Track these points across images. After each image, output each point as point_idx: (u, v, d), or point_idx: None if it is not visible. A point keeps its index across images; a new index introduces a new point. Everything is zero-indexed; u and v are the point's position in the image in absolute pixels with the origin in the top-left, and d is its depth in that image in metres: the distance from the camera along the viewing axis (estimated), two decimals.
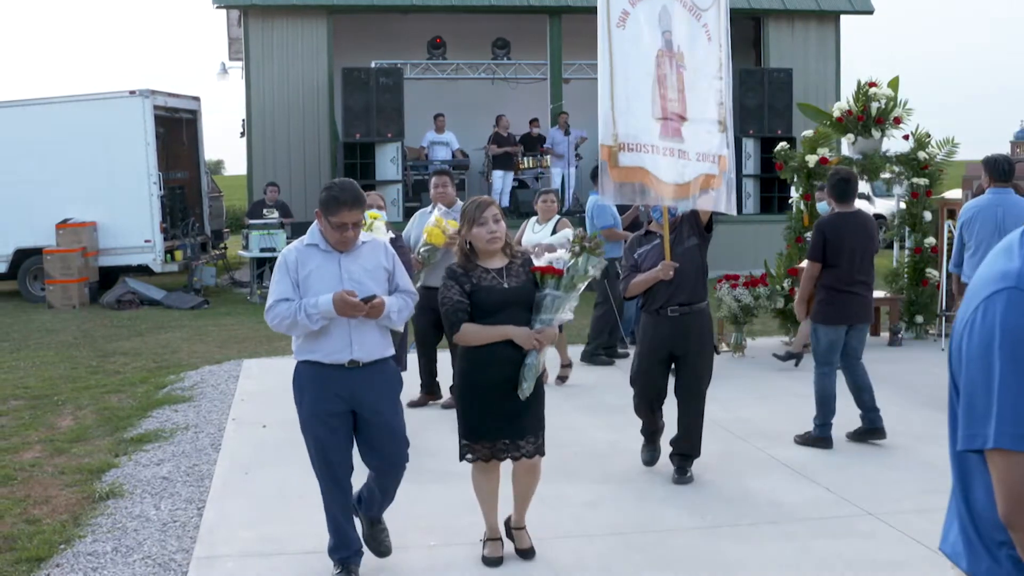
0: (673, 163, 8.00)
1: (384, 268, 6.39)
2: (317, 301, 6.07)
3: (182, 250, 21.80)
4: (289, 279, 6.20)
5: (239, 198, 30.60)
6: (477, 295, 6.42)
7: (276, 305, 6.17)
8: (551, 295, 6.47)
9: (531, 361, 6.41)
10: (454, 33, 25.46)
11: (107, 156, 20.43)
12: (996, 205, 10.51)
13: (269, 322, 6.22)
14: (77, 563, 6.79)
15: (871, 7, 25.98)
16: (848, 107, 14.41)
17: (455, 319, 6.43)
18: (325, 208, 6.14)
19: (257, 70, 23.93)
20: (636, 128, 7.90)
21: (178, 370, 13.19)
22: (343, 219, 6.10)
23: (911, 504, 7.63)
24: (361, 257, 6.32)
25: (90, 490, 8.29)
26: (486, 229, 6.47)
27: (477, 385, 6.49)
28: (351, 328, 6.19)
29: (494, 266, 6.53)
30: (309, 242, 6.32)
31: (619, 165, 7.86)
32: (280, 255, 6.35)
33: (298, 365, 6.35)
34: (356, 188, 6.27)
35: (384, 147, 21.77)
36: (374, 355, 6.29)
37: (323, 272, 6.20)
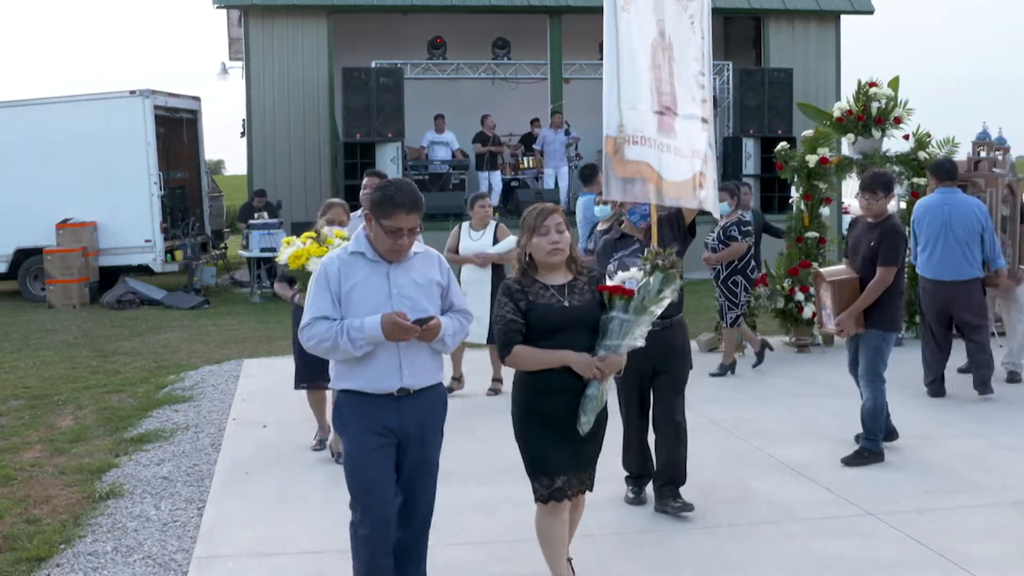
0: (670, 160, 7.51)
1: (438, 283, 5.66)
2: (363, 324, 5.34)
3: (182, 250, 21.83)
4: (329, 293, 5.46)
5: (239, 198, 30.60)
6: (533, 314, 5.76)
7: (314, 324, 5.43)
8: (619, 318, 5.78)
9: (592, 392, 5.74)
10: (454, 33, 25.46)
11: (107, 156, 20.47)
12: (943, 204, 11.04)
13: (305, 343, 5.48)
14: (77, 563, 6.79)
15: (871, 7, 25.99)
16: (848, 107, 14.43)
17: (506, 340, 5.77)
18: (378, 210, 5.42)
19: (257, 70, 23.94)
20: (640, 121, 7.38)
21: (178, 370, 13.19)
22: (399, 223, 5.38)
23: (911, 504, 7.63)
24: (413, 269, 5.58)
25: (90, 490, 8.29)
26: (548, 239, 5.81)
27: (533, 415, 5.84)
28: (400, 350, 5.46)
29: (555, 282, 5.86)
30: (354, 250, 5.55)
31: (625, 159, 7.27)
32: (320, 264, 5.62)
33: (339, 396, 5.63)
34: (415, 189, 5.53)
35: (384, 147, 21.78)
36: (425, 381, 5.60)
37: (369, 285, 5.47)
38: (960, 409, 10.42)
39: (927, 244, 11.06)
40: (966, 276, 10.87)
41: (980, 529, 7.16)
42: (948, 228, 10.88)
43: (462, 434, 9.49)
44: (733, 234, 12.32)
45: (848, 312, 8.65)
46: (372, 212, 5.47)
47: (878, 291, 8.57)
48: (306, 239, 8.39)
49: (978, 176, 12.43)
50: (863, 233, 8.87)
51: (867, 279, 8.65)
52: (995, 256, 11.08)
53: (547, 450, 5.86)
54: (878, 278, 8.57)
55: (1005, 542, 6.91)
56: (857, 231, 9.00)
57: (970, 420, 10.00)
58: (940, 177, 11.23)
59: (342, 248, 5.67)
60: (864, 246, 8.75)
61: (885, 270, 8.58)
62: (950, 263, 10.89)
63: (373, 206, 5.46)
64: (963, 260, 10.86)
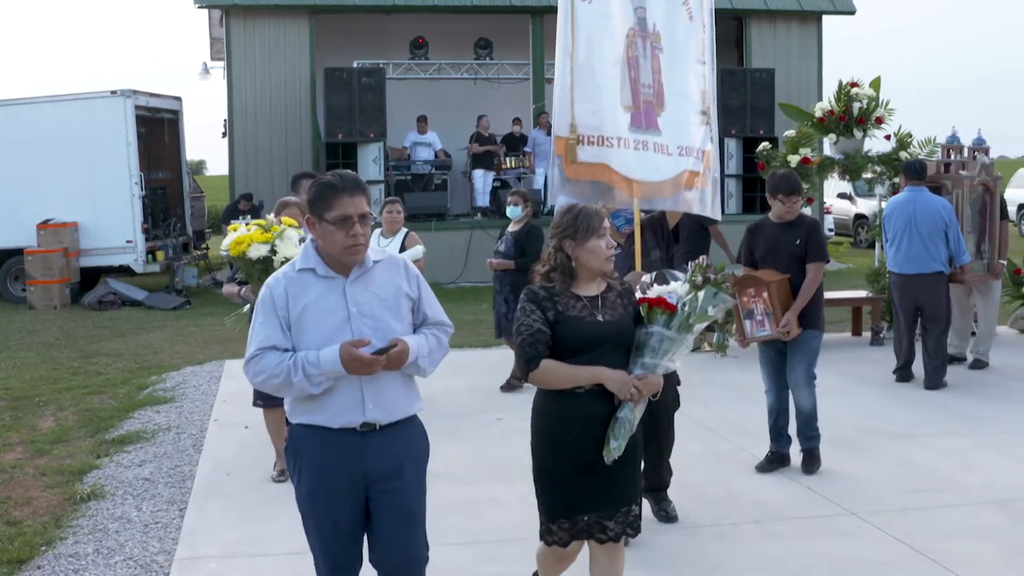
0: (646, 157, 7.03)
1: (406, 295, 4.83)
2: (319, 357, 4.54)
3: (164, 250, 21.74)
4: (277, 318, 4.65)
5: (221, 198, 30.54)
6: (562, 327, 5.06)
7: (261, 356, 4.61)
8: (659, 334, 5.17)
9: (624, 415, 5.08)
10: (436, 33, 25.44)
11: (88, 156, 20.40)
12: (909, 201, 11.67)
13: (251, 379, 4.69)
14: (58, 565, 6.76)
15: (853, 7, 26.05)
16: (830, 107, 14.48)
17: (532, 352, 5.04)
18: (318, 205, 4.65)
19: (239, 70, 23.88)
20: (600, 118, 6.90)
21: (160, 371, 13.15)
22: (345, 209, 4.59)
23: (894, 503, 7.64)
24: (374, 282, 4.75)
25: (71, 491, 8.26)
26: (605, 242, 5.17)
27: (556, 444, 5.14)
28: (362, 380, 4.65)
29: (588, 293, 5.19)
30: (303, 266, 4.73)
31: (577, 160, 6.85)
32: (264, 286, 4.76)
33: (293, 428, 4.82)
34: (353, 174, 4.84)
35: (366, 147, 21.72)
36: (395, 414, 4.76)
37: (323, 306, 4.65)
38: (943, 409, 10.44)
39: (894, 239, 11.73)
40: (928, 270, 11.49)
41: (963, 528, 7.18)
42: (913, 224, 11.52)
43: (444, 435, 9.48)
44: None
45: (793, 312, 8.24)
46: (312, 212, 4.69)
47: (814, 288, 8.34)
48: (252, 226, 7.85)
49: (946, 178, 12.80)
50: (778, 234, 8.46)
51: (796, 279, 8.34)
52: (959, 253, 11.66)
53: (571, 487, 5.14)
54: (814, 275, 8.32)
55: (988, 541, 6.92)
56: (767, 234, 8.56)
57: (953, 420, 10.03)
58: (908, 176, 11.88)
59: (289, 265, 4.83)
60: (786, 246, 8.38)
61: (818, 266, 8.35)
62: (914, 257, 11.52)
63: (312, 205, 4.69)
64: (926, 255, 11.46)
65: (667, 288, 5.35)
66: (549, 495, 5.20)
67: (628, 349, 5.20)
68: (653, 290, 5.33)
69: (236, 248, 7.72)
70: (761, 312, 8.38)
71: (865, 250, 26.26)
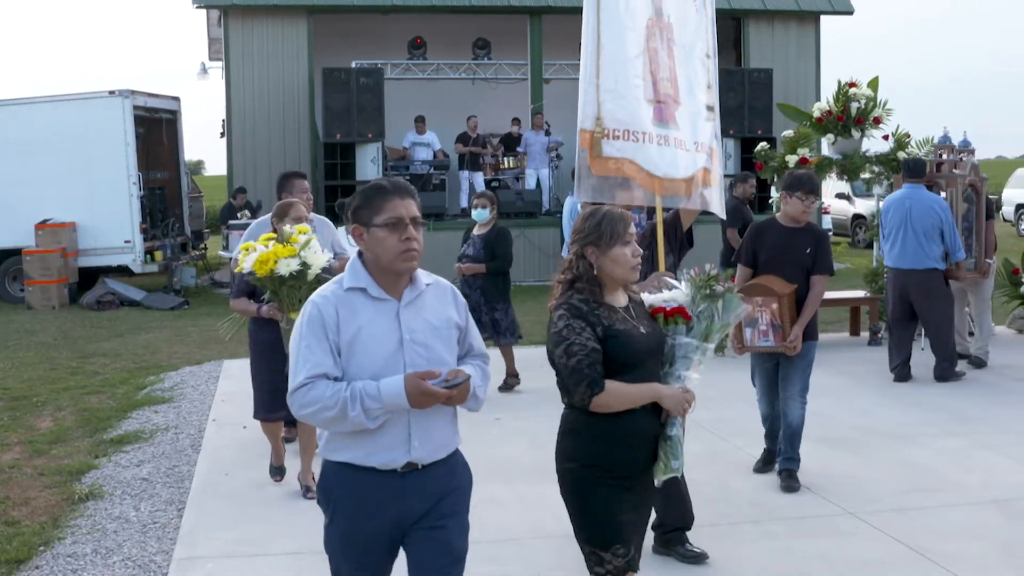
0: (667, 153, 6.72)
1: (456, 324, 4.44)
2: (380, 390, 4.11)
3: (162, 251, 21.73)
4: (327, 343, 4.18)
5: (219, 198, 30.54)
6: (614, 343, 4.68)
7: (313, 386, 4.13)
8: (687, 344, 4.95)
9: (676, 433, 4.83)
10: (434, 33, 25.46)
11: (87, 156, 20.39)
12: (906, 198, 11.95)
13: (298, 411, 4.19)
14: (57, 565, 6.76)
15: (851, 8, 26.06)
16: (828, 107, 14.48)
17: (593, 374, 4.61)
18: (365, 210, 4.25)
19: (237, 70, 23.88)
20: (626, 112, 6.59)
21: (158, 371, 13.15)
22: (397, 211, 4.21)
23: (892, 503, 7.65)
24: (426, 307, 4.35)
25: (70, 491, 8.26)
26: (631, 250, 4.81)
27: (604, 466, 4.74)
28: (411, 415, 4.24)
29: (620, 304, 4.85)
30: (352, 285, 4.27)
31: (601, 155, 6.55)
32: (309, 304, 4.28)
33: (327, 466, 4.40)
34: (400, 179, 4.51)
35: (364, 147, 21.73)
36: (439, 452, 4.39)
37: (376, 331, 4.22)
38: (940, 409, 10.45)
39: (890, 235, 12.02)
40: (923, 265, 11.67)
41: (961, 528, 7.18)
42: (909, 221, 11.76)
43: None
44: None
45: (799, 326, 7.93)
46: (358, 219, 4.25)
47: (819, 302, 8.10)
48: (266, 241, 7.37)
49: (940, 177, 12.92)
50: (786, 239, 8.14)
51: (800, 289, 8.04)
52: (955, 249, 11.86)
53: (622, 513, 4.78)
54: (821, 288, 8.09)
55: (985, 541, 6.93)
56: (774, 236, 8.23)
57: (950, 420, 10.03)
58: (907, 174, 12.17)
59: (335, 283, 4.33)
60: (794, 253, 8.05)
61: (823, 279, 8.06)
62: (909, 253, 11.74)
63: (357, 212, 4.27)
64: (920, 251, 11.66)
65: (664, 296, 5.12)
66: (599, 521, 4.77)
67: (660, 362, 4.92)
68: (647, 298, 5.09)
69: (263, 268, 7.23)
70: (767, 323, 8.09)
71: (863, 250, 26.27)
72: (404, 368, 4.20)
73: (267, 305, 7.75)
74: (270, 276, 7.24)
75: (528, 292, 20.40)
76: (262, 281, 7.38)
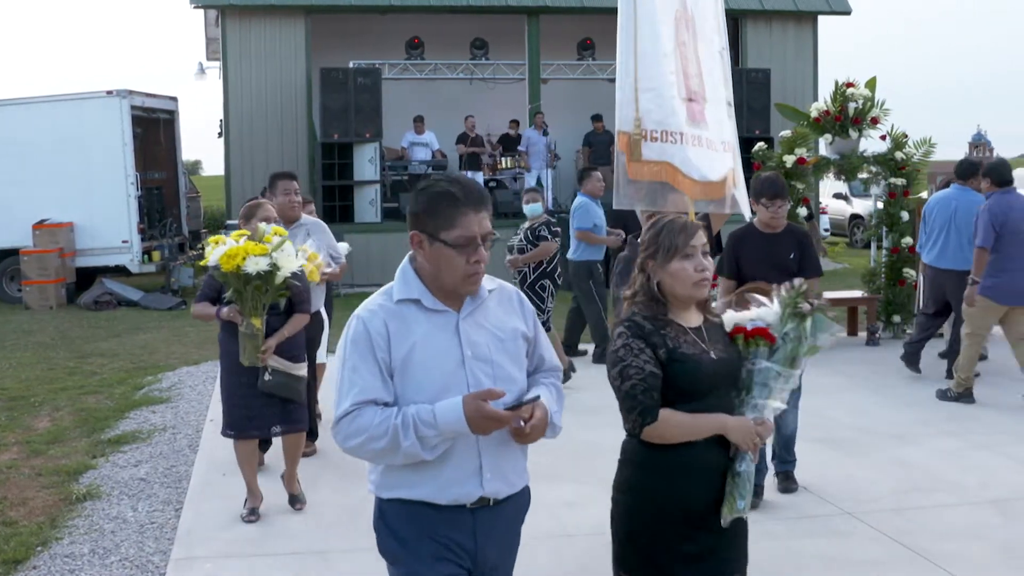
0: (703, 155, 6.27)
1: (523, 336, 3.94)
2: (435, 415, 3.59)
3: (160, 251, 21.72)
4: (376, 364, 3.67)
5: (217, 199, 30.53)
6: (677, 368, 4.16)
7: (358, 414, 3.63)
8: (767, 369, 4.37)
9: (745, 468, 4.29)
10: (432, 33, 25.44)
11: (84, 156, 20.38)
12: (951, 199, 11.95)
13: (343, 444, 3.68)
14: (54, 565, 6.76)
15: (848, 8, 26.04)
16: (826, 107, 14.49)
17: (648, 402, 4.13)
18: (432, 219, 3.70)
19: (235, 70, 23.85)
20: (664, 111, 6.11)
21: (156, 371, 13.14)
22: (470, 228, 3.67)
23: (889, 503, 7.65)
24: (489, 318, 3.85)
25: (67, 492, 8.26)
26: (694, 264, 4.26)
27: (666, 502, 4.22)
28: (480, 444, 3.75)
29: (691, 324, 4.32)
30: (403, 296, 3.76)
31: (640, 159, 6.02)
32: (353, 319, 3.76)
33: (385, 507, 3.84)
34: (475, 183, 3.90)
35: (362, 147, 21.71)
36: (515, 484, 3.90)
37: (433, 349, 3.71)
38: (938, 408, 10.45)
39: (932, 234, 12.00)
40: (961, 267, 11.49)
41: (958, 528, 7.18)
42: (953, 222, 11.76)
43: None
44: (543, 234, 11.82)
45: None
46: (421, 227, 3.71)
47: None
48: (239, 237, 7.07)
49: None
50: (767, 245, 7.90)
51: None
52: None
53: (682, 550, 4.26)
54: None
55: (983, 541, 6.93)
56: (754, 244, 7.97)
57: (947, 419, 10.04)
58: (957, 175, 12.18)
59: (381, 295, 3.80)
60: (777, 259, 7.74)
61: (813, 282, 7.47)
62: (950, 254, 11.75)
63: (420, 218, 3.71)
64: (960, 252, 11.59)
65: (750, 315, 4.53)
66: (655, 562, 4.25)
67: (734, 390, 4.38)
68: (728, 315, 4.54)
69: (229, 263, 6.83)
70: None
71: (861, 250, 26.29)
72: (467, 389, 3.69)
73: (227, 307, 7.25)
74: (236, 273, 6.86)
75: None
76: (226, 277, 6.97)
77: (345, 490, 7.93)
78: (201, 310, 7.57)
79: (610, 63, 25.44)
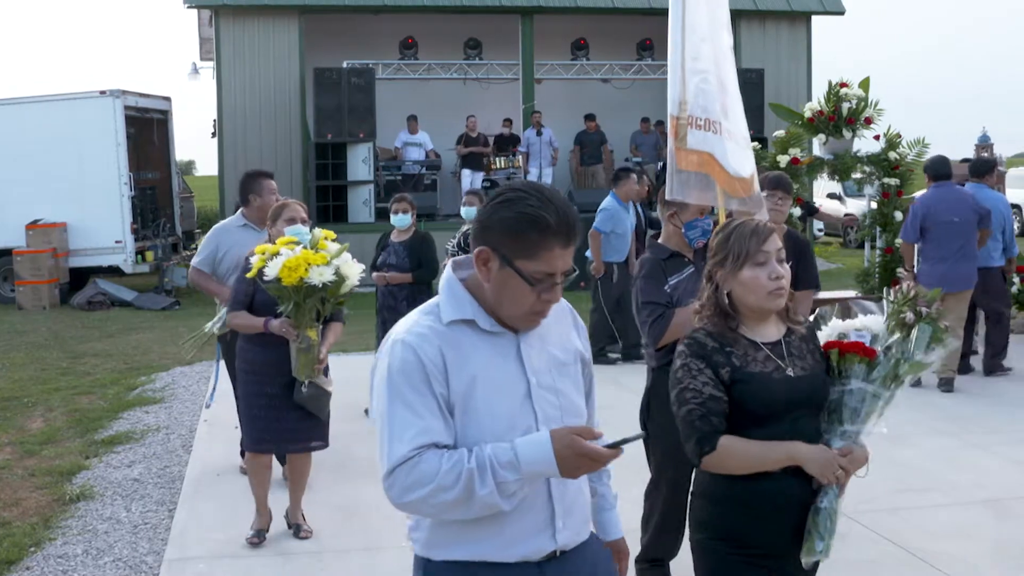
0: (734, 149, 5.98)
1: (581, 355, 3.37)
2: (516, 455, 2.95)
3: (153, 251, 21.68)
4: (434, 399, 3.02)
5: (210, 199, 30.49)
6: (742, 388, 3.75)
7: (420, 460, 2.95)
8: (861, 391, 3.95)
9: (828, 505, 3.94)
10: (426, 33, 25.43)
11: (77, 156, 20.34)
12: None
13: (398, 499, 3.00)
14: (47, 566, 6.75)
15: (842, 8, 26.07)
16: (819, 107, 14.48)
17: (706, 429, 3.74)
18: (509, 239, 3.02)
19: (228, 70, 23.84)
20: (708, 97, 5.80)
21: (149, 371, 13.13)
22: (553, 264, 3.03)
23: (883, 503, 7.64)
24: (549, 337, 3.24)
25: (60, 492, 8.24)
26: (768, 272, 3.84)
27: (741, 539, 3.84)
28: (551, 488, 3.13)
29: (767, 338, 3.89)
30: (455, 317, 3.12)
31: (686, 146, 5.70)
32: (399, 346, 3.08)
33: (431, 568, 3.25)
34: (569, 205, 3.09)
35: (356, 147, 21.73)
36: (583, 532, 3.28)
37: (497, 379, 3.08)
38: (931, 407, 10.45)
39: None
40: (989, 264, 11.83)
41: (952, 528, 7.19)
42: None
43: None
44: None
45: None
46: (495, 244, 3.04)
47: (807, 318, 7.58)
48: (284, 244, 6.38)
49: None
50: None
51: None
52: (1012, 246, 12.30)
53: None
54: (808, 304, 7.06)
55: (977, 540, 6.94)
56: None
57: (941, 419, 10.04)
58: (972, 173, 12.48)
59: (426, 315, 3.15)
60: None
61: (809, 294, 7.27)
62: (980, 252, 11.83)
63: (497, 236, 3.04)
64: (986, 250, 11.76)
65: (852, 324, 4.10)
66: None
67: (820, 411, 3.95)
68: (831, 325, 4.14)
69: (291, 276, 6.20)
70: None
71: (854, 250, 26.28)
72: (535, 425, 3.10)
73: (279, 320, 6.57)
74: (299, 285, 6.25)
75: None
76: (284, 291, 6.33)
77: (338, 491, 7.91)
78: (245, 321, 6.87)
79: (604, 63, 25.52)
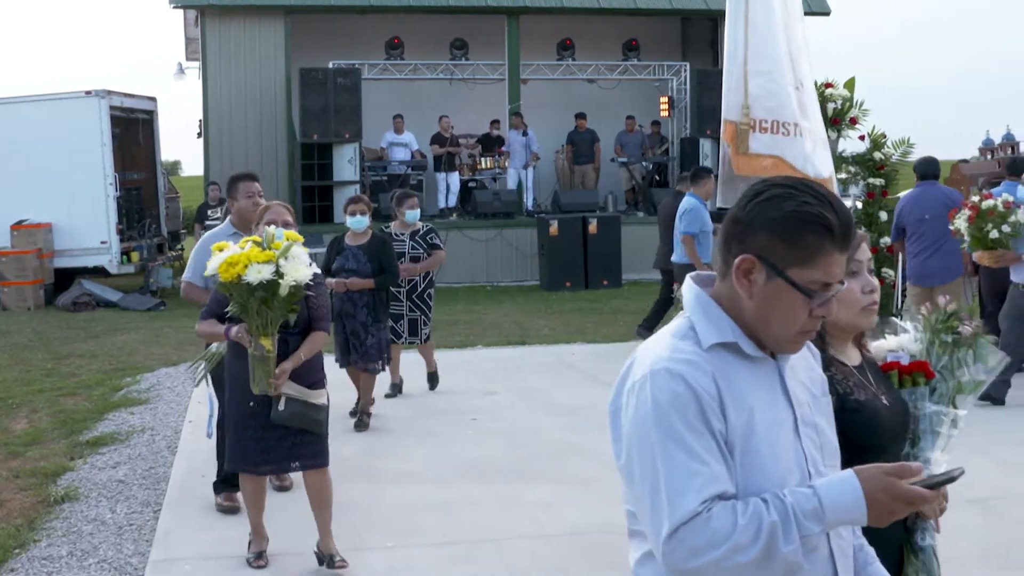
0: (813, 149, 5.72)
1: (825, 383, 2.86)
2: (820, 502, 2.43)
3: (138, 251, 21.66)
4: (713, 438, 2.47)
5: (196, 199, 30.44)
6: (853, 417, 3.18)
7: (712, 516, 2.38)
8: (937, 414, 3.62)
9: (928, 543, 3.65)
10: (412, 33, 25.43)
11: (63, 157, 20.30)
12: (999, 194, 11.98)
13: (685, 563, 2.39)
14: (32, 567, 6.73)
15: (828, 8, 26.13)
16: None
17: None
18: (780, 243, 2.51)
19: (214, 70, 23.80)
20: (776, 100, 5.51)
21: (134, 372, 13.10)
22: (833, 273, 2.53)
23: None
24: (799, 365, 2.76)
25: (45, 494, 8.22)
26: (861, 284, 3.37)
27: None
28: (832, 544, 2.63)
29: (854, 362, 3.40)
30: (718, 340, 2.58)
31: (748, 151, 5.44)
32: (662, 375, 2.49)
33: None
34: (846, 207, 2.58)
35: (342, 148, 21.74)
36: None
37: (771, 415, 2.58)
38: None
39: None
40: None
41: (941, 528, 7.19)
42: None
43: (420, 435, 9.51)
44: (436, 242, 11.41)
45: None
46: (763, 252, 2.53)
47: None
48: (245, 243, 6.11)
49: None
50: None
51: None
52: None
53: None
54: None
55: (966, 541, 6.94)
56: None
57: None
58: (1009, 172, 12.69)
59: (682, 338, 2.60)
60: None
61: None
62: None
63: (769, 239, 2.52)
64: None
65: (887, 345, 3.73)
66: None
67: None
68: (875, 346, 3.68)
69: (229, 272, 5.92)
70: None
71: None
72: (805, 466, 2.64)
73: (236, 326, 6.31)
74: (235, 283, 5.95)
75: (506, 293, 20.44)
76: (227, 289, 6.07)
77: None
78: (207, 328, 6.73)
79: (590, 63, 25.54)
